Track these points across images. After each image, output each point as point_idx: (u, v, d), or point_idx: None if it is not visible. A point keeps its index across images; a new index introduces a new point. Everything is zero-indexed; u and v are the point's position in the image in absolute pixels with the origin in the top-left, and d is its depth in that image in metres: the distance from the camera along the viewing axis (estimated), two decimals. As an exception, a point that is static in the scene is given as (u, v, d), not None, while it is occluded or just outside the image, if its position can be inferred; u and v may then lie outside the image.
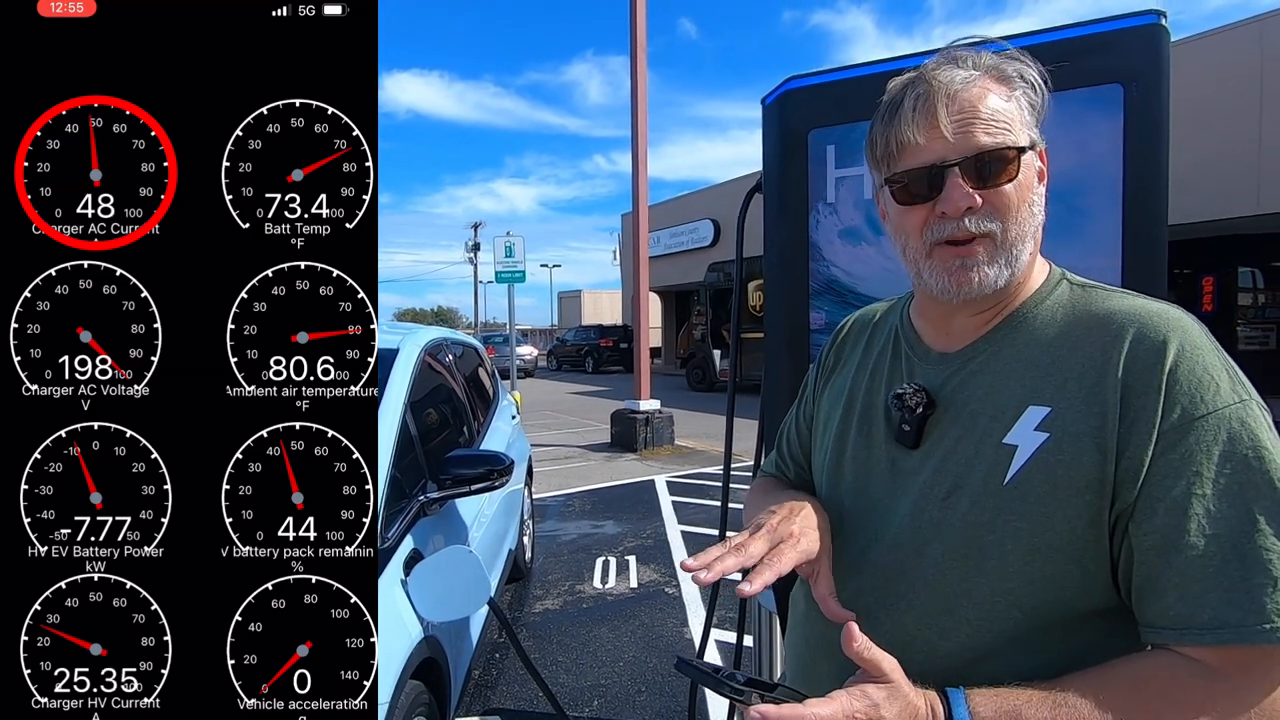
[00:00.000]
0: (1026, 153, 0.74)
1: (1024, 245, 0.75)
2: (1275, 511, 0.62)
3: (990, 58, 0.76)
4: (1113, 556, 0.69)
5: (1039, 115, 0.78)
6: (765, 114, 1.66)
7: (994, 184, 0.73)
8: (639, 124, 8.92)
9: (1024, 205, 0.74)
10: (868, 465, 0.87)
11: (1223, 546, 0.62)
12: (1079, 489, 0.69)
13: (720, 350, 16.66)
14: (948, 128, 0.73)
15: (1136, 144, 1.27)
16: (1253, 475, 0.63)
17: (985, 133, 0.72)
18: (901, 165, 0.76)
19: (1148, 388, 0.67)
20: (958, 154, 0.73)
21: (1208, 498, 0.63)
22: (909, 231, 0.78)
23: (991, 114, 0.73)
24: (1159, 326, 0.70)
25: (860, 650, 0.65)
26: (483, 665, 3.26)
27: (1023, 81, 0.76)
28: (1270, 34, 9.70)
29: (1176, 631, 0.63)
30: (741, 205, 1.87)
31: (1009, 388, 0.75)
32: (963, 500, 0.75)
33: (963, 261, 0.74)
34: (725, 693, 0.67)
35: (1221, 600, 0.61)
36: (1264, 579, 0.60)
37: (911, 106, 0.75)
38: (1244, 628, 0.60)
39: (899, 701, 0.64)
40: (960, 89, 0.73)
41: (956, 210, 0.73)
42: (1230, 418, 0.65)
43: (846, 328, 1.04)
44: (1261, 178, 9.78)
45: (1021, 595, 0.71)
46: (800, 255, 1.60)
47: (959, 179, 0.73)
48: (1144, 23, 1.27)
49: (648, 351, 9.58)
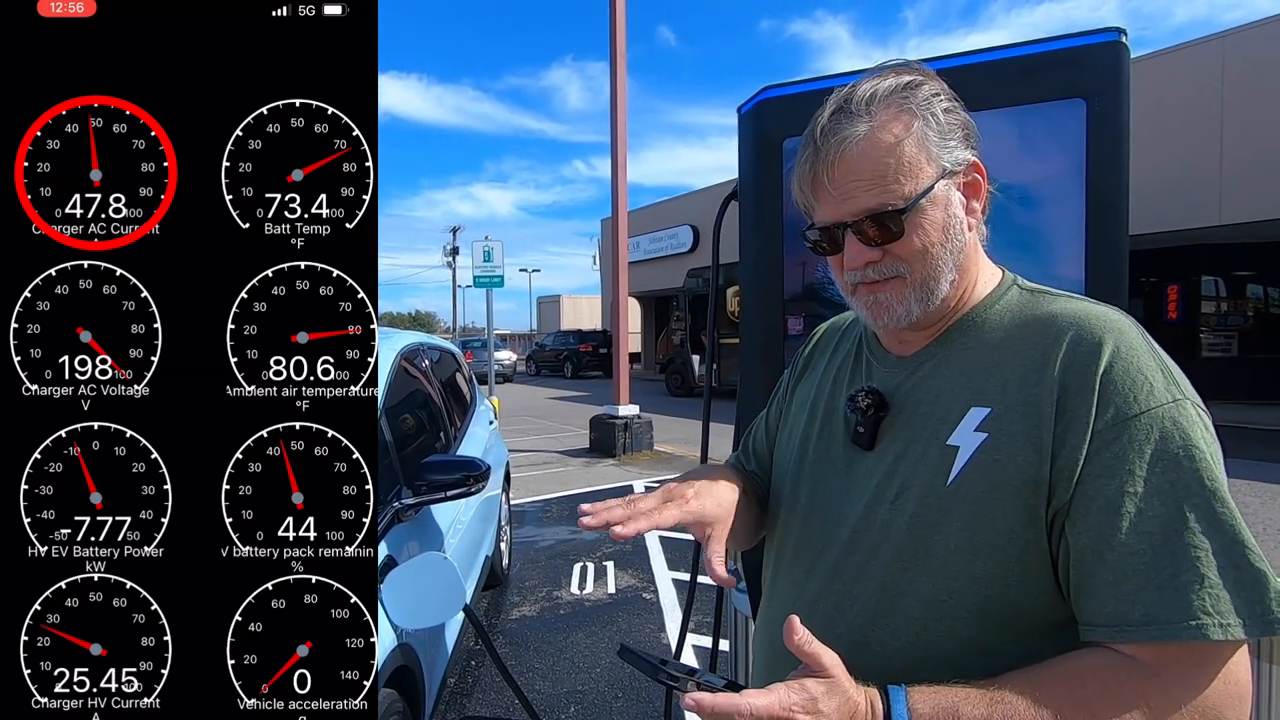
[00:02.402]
0: (932, 189, 0.75)
1: (937, 282, 0.77)
2: (1205, 509, 0.63)
3: (889, 87, 0.76)
4: (1053, 555, 0.70)
5: (959, 128, 0.77)
6: (741, 122, 1.69)
7: (890, 238, 0.75)
8: (618, 129, 8.96)
9: (931, 248, 0.76)
10: (826, 467, 0.88)
11: (1154, 544, 0.63)
12: (1016, 488, 0.70)
13: (699, 356, 16.70)
14: (834, 194, 0.76)
15: (1098, 156, 1.32)
16: (1183, 474, 0.64)
17: (869, 194, 0.74)
18: (814, 219, 0.81)
19: (1083, 387, 0.69)
20: (848, 216, 0.76)
21: (1139, 496, 0.64)
22: (835, 274, 0.84)
23: (876, 173, 0.74)
24: (1096, 328, 0.71)
25: (801, 644, 0.64)
26: (458, 673, 3.24)
27: (924, 103, 0.76)
28: (1232, 51, 10.01)
29: (1110, 629, 0.64)
30: (718, 212, 1.90)
31: (955, 390, 0.77)
32: (910, 501, 0.76)
33: (875, 299, 0.79)
34: (661, 679, 0.68)
35: (1153, 598, 0.62)
36: (1192, 576, 0.61)
37: (804, 173, 0.79)
38: (1172, 624, 0.61)
39: (838, 696, 0.64)
40: (846, 150, 0.74)
41: (855, 266, 0.78)
42: (1163, 417, 0.66)
43: (820, 333, 1.06)
44: (1223, 190, 10.07)
45: (966, 594, 0.72)
46: (775, 262, 1.63)
47: (853, 238, 0.77)
48: (1105, 40, 1.32)
49: (627, 357, 9.59)
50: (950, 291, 0.79)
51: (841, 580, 0.81)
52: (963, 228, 0.78)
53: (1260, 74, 9.67)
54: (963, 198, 0.78)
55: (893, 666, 0.71)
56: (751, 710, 0.61)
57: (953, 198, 0.77)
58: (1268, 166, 9.58)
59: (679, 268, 20.04)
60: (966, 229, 0.79)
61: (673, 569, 4.64)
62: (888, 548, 0.77)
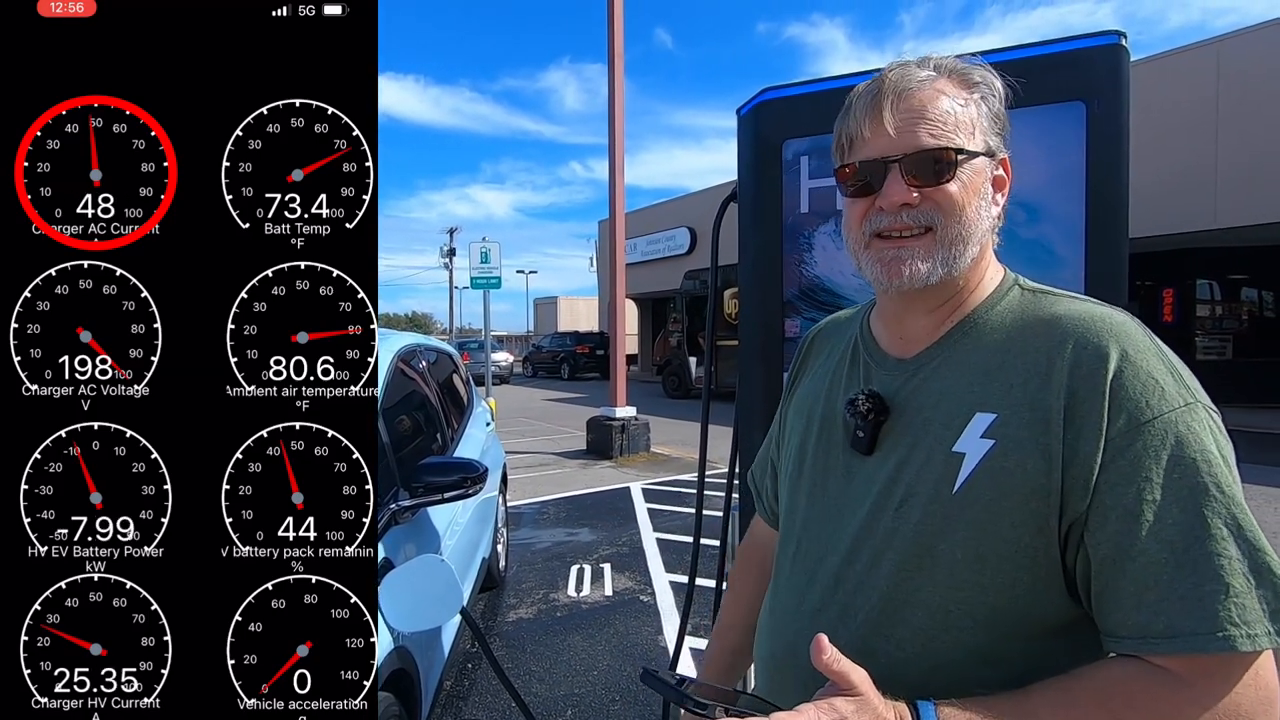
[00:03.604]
0: (978, 157, 0.76)
1: (965, 246, 0.76)
2: (1225, 515, 0.62)
3: (955, 62, 0.78)
4: (1066, 564, 0.69)
5: (1002, 125, 0.79)
6: (740, 124, 1.69)
7: (934, 183, 0.75)
8: (616, 131, 8.97)
9: (968, 207, 0.76)
10: (826, 473, 0.87)
11: (1175, 553, 0.62)
12: (1024, 496, 0.69)
13: (696, 357, 16.72)
14: (892, 125, 0.75)
15: (1098, 159, 1.32)
16: (1201, 479, 0.63)
17: (929, 133, 0.74)
18: (850, 158, 0.80)
19: (1093, 393, 0.67)
20: (899, 151, 0.75)
21: (1158, 503, 0.63)
22: (851, 223, 0.81)
23: (939, 115, 0.75)
24: (1102, 331, 0.70)
25: (829, 662, 0.63)
26: (455, 676, 3.23)
27: (985, 87, 0.78)
28: (1227, 56, 10.06)
29: (1135, 640, 0.64)
30: (716, 214, 1.90)
31: (958, 394, 0.76)
32: (915, 509, 0.75)
33: (896, 253, 0.77)
34: (689, 707, 0.66)
35: (1176, 609, 0.61)
36: (1216, 585, 0.60)
37: (864, 104, 0.78)
38: (1199, 635, 0.60)
39: (868, 714, 0.62)
40: (912, 89, 0.75)
41: (892, 205, 0.76)
42: (1177, 421, 0.65)
43: (812, 338, 1.04)
44: (1218, 194, 10.12)
45: (973, 604, 0.71)
46: (774, 264, 1.63)
47: (898, 175, 0.75)
48: (1105, 43, 1.32)
49: (624, 358, 9.59)
50: (968, 268, 0.78)
51: (844, 590, 0.79)
52: (990, 211, 0.79)
53: (1255, 78, 9.73)
54: (990, 186, 0.79)
55: (899, 677, 0.70)
56: None
57: (989, 178, 0.79)
58: (1263, 170, 9.64)
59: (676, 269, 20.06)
60: (993, 215, 0.80)
61: (670, 571, 4.64)
62: (892, 556, 0.76)
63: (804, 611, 0.83)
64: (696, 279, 16.76)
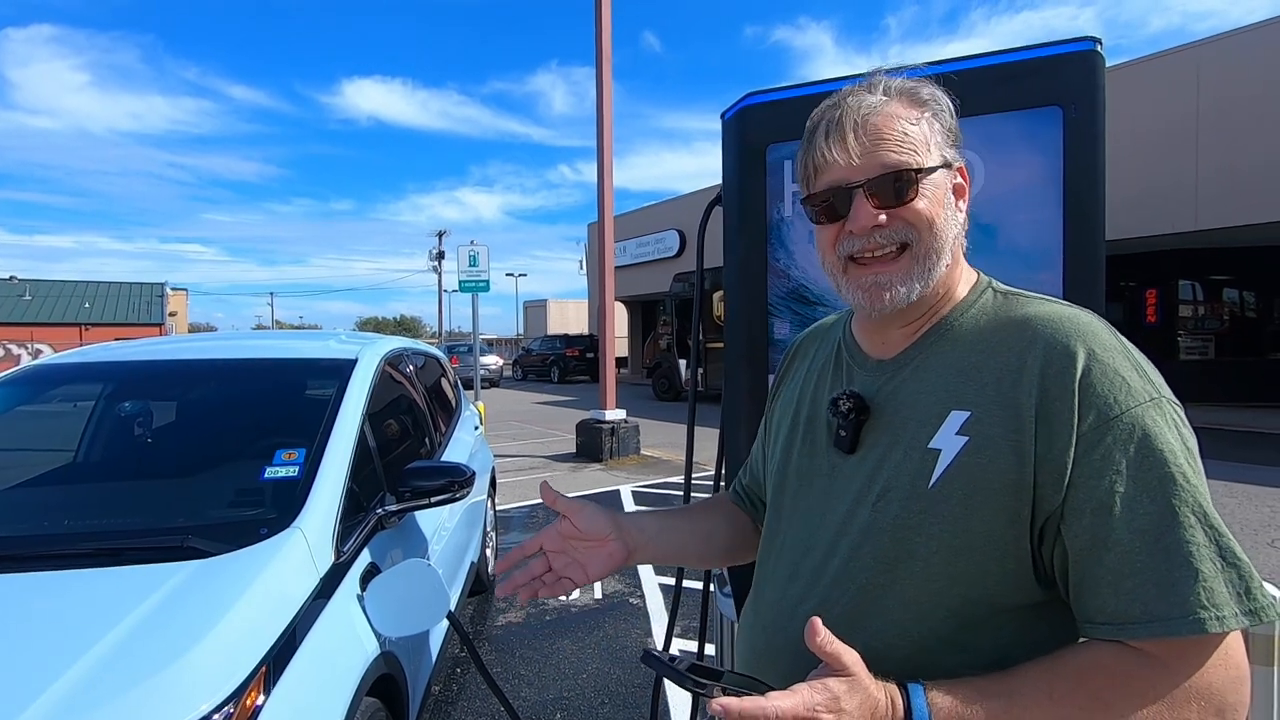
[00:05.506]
0: (936, 171, 0.79)
1: (939, 258, 0.79)
2: (1193, 503, 0.66)
3: (904, 82, 0.81)
4: (1040, 556, 0.72)
5: (955, 136, 0.83)
6: (725, 128, 1.70)
7: (897, 203, 0.78)
8: (604, 134, 8.97)
9: (936, 219, 0.79)
10: (809, 471, 0.90)
11: (1147, 541, 0.65)
12: (996, 491, 0.72)
13: (686, 360, 16.72)
14: (855, 150, 0.78)
15: (1075, 162, 1.34)
16: (1169, 469, 0.66)
17: (888, 155, 0.77)
18: (816, 186, 0.82)
19: (1063, 392, 0.70)
20: (862, 176, 0.78)
21: (1130, 494, 0.67)
22: (825, 248, 0.84)
23: (896, 137, 0.78)
24: (1070, 332, 0.73)
25: (823, 644, 0.66)
26: (443, 681, 3.22)
27: (934, 103, 0.81)
28: (1206, 60, 10.18)
29: (1113, 626, 0.67)
30: (702, 217, 1.90)
31: (934, 393, 0.79)
32: (892, 504, 0.78)
33: (875, 279, 0.80)
34: (688, 686, 0.68)
35: (1151, 595, 0.64)
36: (1186, 572, 0.64)
37: (823, 133, 0.80)
38: (1171, 620, 0.63)
39: (859, 694, 0.65)
40: (868, 114, 0.78)
41: (863, 228, 0.79)
42: (1143, 415, 0.68)
43: (797, 344, 1.08)
44: (1200, 196, 10.23)
45: (946, 595, 0.74)
46: (759, 267, 1.64)
47: (864, 198, 0.78)
48: (1081, 49, 1.34)
49: (613, 361, 9.59)
50: (943, 277, 0.81)
51: (823, 584, 0.82)
52: (956, 218, 0.82)
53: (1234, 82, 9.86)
54: (952, 196, 0.82)
55: (875, 667, 0.71)
56: (777, 712, 0.63)
57: (949, 188, 0.81)
58: (1243, 173, 9.76)
59: (665, 272, 20.11)
60: (959, 221, 0.82)
61: (659, 574, 4.64)
62: (869, 550, 0.78)
63: (785, 605, 0.86)
64: (686, 281, 16.80)
